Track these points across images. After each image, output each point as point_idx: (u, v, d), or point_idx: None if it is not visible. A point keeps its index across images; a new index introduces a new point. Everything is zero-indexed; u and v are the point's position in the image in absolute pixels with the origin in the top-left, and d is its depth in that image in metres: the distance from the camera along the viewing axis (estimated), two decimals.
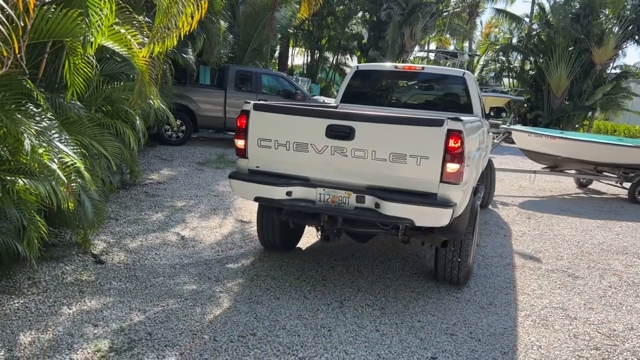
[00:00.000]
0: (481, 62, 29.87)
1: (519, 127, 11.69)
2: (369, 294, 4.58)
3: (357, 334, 3.82)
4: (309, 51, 28.72)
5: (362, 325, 3.96)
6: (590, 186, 11.78)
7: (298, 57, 31.85)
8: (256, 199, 4.32)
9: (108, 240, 5.46)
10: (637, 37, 24.16)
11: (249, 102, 4.39)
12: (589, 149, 9.99)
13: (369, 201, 4.02)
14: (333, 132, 4.04)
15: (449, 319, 4.19)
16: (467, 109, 5.92)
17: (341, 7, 27.15)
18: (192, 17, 4.26)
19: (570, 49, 23.72)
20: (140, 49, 4.77)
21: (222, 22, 11.04)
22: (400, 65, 6.58)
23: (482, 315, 4.34)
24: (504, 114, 6.90)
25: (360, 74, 6.55)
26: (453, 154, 3.77)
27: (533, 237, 7.01)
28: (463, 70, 6.31)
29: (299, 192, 4.21)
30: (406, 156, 3.88)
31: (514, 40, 28.40)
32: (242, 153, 4.43)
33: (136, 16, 5.30)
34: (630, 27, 23.29)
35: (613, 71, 26.03)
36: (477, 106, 5.95)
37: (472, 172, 4.35)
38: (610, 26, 23.81)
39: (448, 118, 3.81)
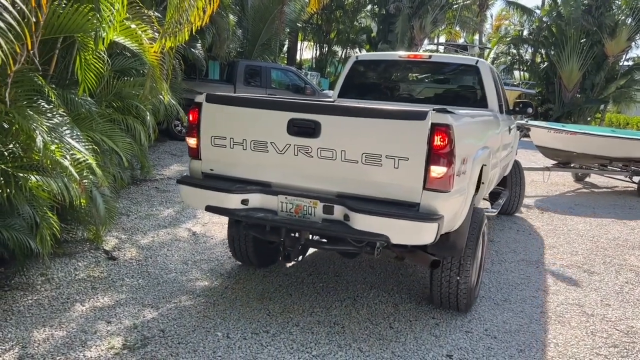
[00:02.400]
0: (492, 55, 29.64)
1: (536, 122, 11.38)
2: (382, 290, 4.54)
3: (371, 331, 3.78)
4: (317, 45, 28.60)
5: (375, 322, 3.92)
6: (587, 179, 11.61)
7: (307, 51, 31.76)
8: (207, 209, 3.69)
9: (120, 236, 5.46)
10: None
11: (202, 94, 3.80)
12: (607, 144, 9.80)
13: (338, 212, 3.38)
14: (296, 128, 3.41)
15: (463, 316, 4.13)
16: (482, 102, 5.31)
17: (350, 0, 26.99)
18: (204, 12, 4.22)
19: (582, 41, 23.45)
20: (150, 44, 4.75)
21: (231, 17, 10.99)
22: (404, 53, 5.95)
23: (497, 312, 4.29)
24: (530, 109, 6.16)
25: (360, 65, 5.98)
26: (439, 155, 3.12)
27: (547, 232, 6.93)
28: (476, 58, 5.66)
29: (256, 200, 3.60)
30: (381, 157, 3.22)
31: (525, 33, 28.11)
32: (195, 154, 3.85)
33: (146, 11, 5.27)
34: None
35: (626, 63, 25.70)
36: (493, 100, 5.33)
37: (471, 177, 3.69)
38: (623, 17, 23.48)
39: (433, 109, 3.17)
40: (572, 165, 10.34)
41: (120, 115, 6.08)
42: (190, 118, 3.81)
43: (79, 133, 4.04)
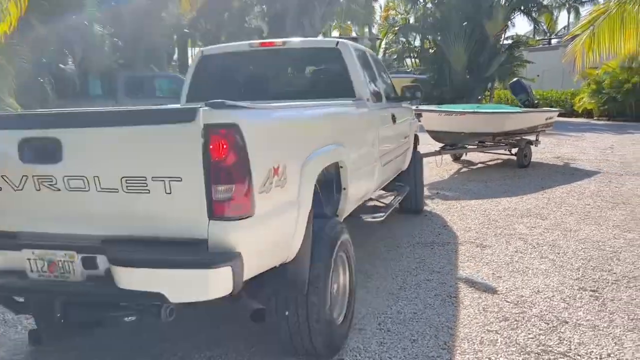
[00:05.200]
0: (383, 45, 30.37)
1: (426, 107, 11.46)
2: None
3: (257, 348, 3.47)
4: None
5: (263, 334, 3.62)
6: (463, 158, 11.69)
7: None
8: None
9: None
10: (522, 8, 25.53)
11: None
12: (492, 120, 10.14)
13: (103, 265, 2.47)
14: (30, 152, 2.48)
15: (356, 313, 3.91)
16: (348, 90, 4.58)
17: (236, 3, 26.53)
18: None
19: (464, 24, 24.58)
20: None
21: (97, 27, 10.24)
22: (256, 42, 5.15)
23: (392, 302, 4.13)
24: (419, 94, 5.84)
25: (208, 61, 5.11)
26: (222, 168, 2.28)
27: (441, 211, 6.99)
28: (336, 40, 4.93)
29: None
30: (147, 180, 2.35)
31: (412, 20, 29.08)
32: None
33: None
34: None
35: (506, 42, 27.31)
36: (361, 86, 4.61)
37: (301, 188, 2.86)
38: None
39: (205, 105, 2.30)
40: (459, 145, 10.49)
41: None
42: None
43: None
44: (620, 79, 22.09)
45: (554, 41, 35.05)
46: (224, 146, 2.26)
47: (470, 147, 10.76)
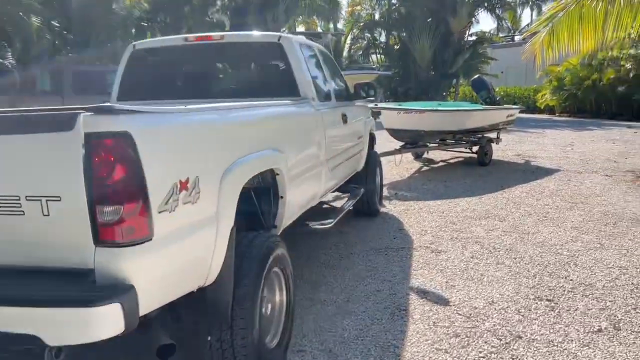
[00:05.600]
0: (349, 41, 30.14)
1: (385, 104, 11.18)
2: None
3: None
4: None
5: None
6: (425, 156, 11.36)
7: None
8: None
9: None
10: (486, 4, 25.65)
11: None
12: (453, 118, 9.94)
13: None
14: None
15: (298, 331, 3.61)
16: (291, 89, 4.22)
17: None
18: None
19: (428, 20, 24.55)
20: None
21: (34, 19, 9.60)
22: (192, 36, 4.75)
23: (338, 317, 3.83)
24: (372, 92, 5.67)
25: (140, 55, 4.71)
26: (107, 185, 1.91)
27: (399, 213, 6.73)
28: (279, 34, 4.61)
29: None
30: (20, 200, 1.97)
31: (377, 16, 28.92)
32: None
33: None
34: None
35: (470, 39, 27.43)
36: (306, 84, 4.27)
37: (221, 202, 2.49)
38: None
39: (87, 110, 1.90)
40: (420, 143, 10.21)
41: None
42: None
43: None
44: (580, 76, 22.36)
45: (517, 38, 35.52)
46: (111, 159, 1.90)
47: (431, 145, 10.52)
